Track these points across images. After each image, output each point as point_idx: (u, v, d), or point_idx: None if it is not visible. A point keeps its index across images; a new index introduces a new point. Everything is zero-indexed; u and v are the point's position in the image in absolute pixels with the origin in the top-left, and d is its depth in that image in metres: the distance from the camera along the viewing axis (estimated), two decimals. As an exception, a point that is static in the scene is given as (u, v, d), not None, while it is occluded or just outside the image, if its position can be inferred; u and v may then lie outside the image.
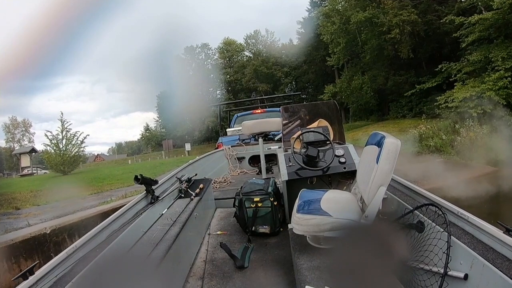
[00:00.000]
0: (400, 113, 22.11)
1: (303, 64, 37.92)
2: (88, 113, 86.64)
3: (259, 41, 43.37)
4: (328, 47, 26.84)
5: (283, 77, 40.16)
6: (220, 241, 2.51)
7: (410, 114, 21.00)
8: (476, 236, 1.35)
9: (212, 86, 43.15)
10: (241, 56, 43.81)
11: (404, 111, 21.83)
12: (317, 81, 37.48)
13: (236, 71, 41.79)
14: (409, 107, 21.45)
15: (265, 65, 39.46)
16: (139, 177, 2.35)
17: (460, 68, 15.38)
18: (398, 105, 22.54)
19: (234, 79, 41.56)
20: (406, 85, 20.89)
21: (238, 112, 7.27)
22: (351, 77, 25.50)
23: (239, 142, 5.16)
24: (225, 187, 3.94)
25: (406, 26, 19.16)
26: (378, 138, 1.65)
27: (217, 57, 44.48)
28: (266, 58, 40.42)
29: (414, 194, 1.86)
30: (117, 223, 1.92)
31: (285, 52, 40.28)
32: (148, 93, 42.48)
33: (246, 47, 43.87)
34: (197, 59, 44.09)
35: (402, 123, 19.19)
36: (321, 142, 2.58)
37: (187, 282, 2.06)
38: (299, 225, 1.72)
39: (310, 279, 1.49)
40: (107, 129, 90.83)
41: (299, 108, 3.14)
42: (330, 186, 2.62)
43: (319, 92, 36.02)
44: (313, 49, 33.65)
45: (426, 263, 1.47)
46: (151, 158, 36.23)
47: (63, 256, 1.45)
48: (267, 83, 39.35)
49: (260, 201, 2.57)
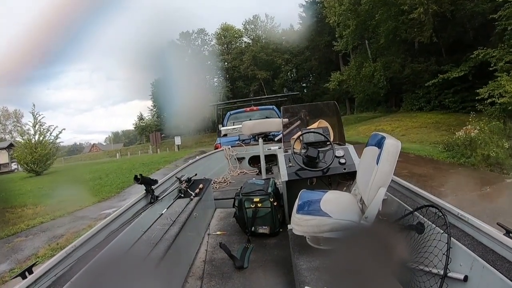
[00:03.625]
0: (416, 105, 19.38)
1: (305, 50, 36.10)
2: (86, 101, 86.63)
3: (258, 27, 41.62)
4: (333, 31, 24.41)
5: (284, 64, 38.58)
6: (219, 241, 2.51)
7: (427, 107, 18.40)
8: (476, 238, 1.35)
9: (209, 73, 41.33)
10: (239, 43, 41.97)
11: (420, 103, 19.08)
12: (320, 69, 35.78)
13: (234, 57, 40.16)
14: (426, 98, 18.64)
15: (265, 52, 37.99)
16: (138, 176, 2.35)
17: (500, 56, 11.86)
18: (413, 96, 19.71)
19: (232, 66, 40.10)
20: (426, 73, 17.91)
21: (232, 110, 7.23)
22: (361, 64, 22.68)
23: (239, 142, 5.16)
24: (224, 187, 3.94)
25: (431, 5, 15.88)
26: (378, 139, 1.65)
27: (214, 43, 42.54)
28: (266, 44, 38.84)
29: (414, 195, 1.86)
30: (116, 222, 1.92)
31: (285, 38, 38.49)
32: (146, 81, 40.54)
33: (244, 33, 42.06)
34: (193, 45, 42.14)
35: (420, 116, 17.09)
36: (321, 142, 2.58)
37: (186, 282, 2.05)
38: (298, 226, 1.72)
39: (310, 280, 1.49)
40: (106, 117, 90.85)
41: (299, 109, 3.14)
42: (330, 187, 2.62)
43: (322, 80, 34.08)
44: (317, 34, 32.02)
45: (426, 265, 1.47)
46: (142, 151, 34.58)
47: (62, 255, 1.45)
48: (266, 70, 38.01)
49: (260, 202, 2.56)
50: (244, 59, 38.68)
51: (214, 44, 42.57)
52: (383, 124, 17.71)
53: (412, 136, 13.55)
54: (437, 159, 8.88)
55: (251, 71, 38.22)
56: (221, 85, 40.38)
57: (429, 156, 9.33)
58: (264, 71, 37.96)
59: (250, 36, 41.59)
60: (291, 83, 40.43)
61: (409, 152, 9.82)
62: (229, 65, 40.32)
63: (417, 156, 9.48)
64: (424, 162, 8.66)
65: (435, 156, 9.24)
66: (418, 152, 9.86)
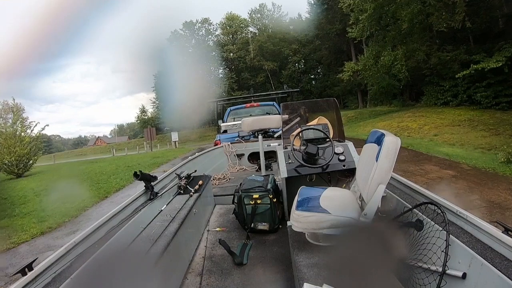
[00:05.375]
0: (441, 99, 17.10)
1: (314, 38, 34.52)
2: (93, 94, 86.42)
3: (264, 16, 40.46)
4: (345, 19, 22.09)
5: (291, 55, 37.38)
6: (219, 237, 2.52)
7: (454, 102, 16.14)
8: (475, 235, 1.35)
9: (214, 64, 39.99)
10: (245, 33, 40.81)
11: (446, 97, 16.78)
12: (329, 59, 34.26)
13: (239, 48, 39.02)
14: (453, 92, 16.37)
15: (271, 41, 36.85)
16: (138, 173, 2.35)
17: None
18: (437, 89, 17.43)
19: (237, 56, 38.98)
20: (455, 64, 15.57)
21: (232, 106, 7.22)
22: (378, 52, 20.16)
23: (238, 139, 5.16)
24: (224, 184, 3.95)
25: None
26: (377, 136, 1.65)
27: (219, 33, 41.31)
28: (273, 33, 37.67)
29: (413, 193, 1.86)
30: (116, 219, 1.92)
31: (293, 27, 37.37)
32: (151, 73, 39.22)
33: (250, 23, 40.88)
34: (196, 36, 40.85)
35: (446, 112, 14.95)
36: (321, 139, 2.57)
37: (185, 279, 2.06)
38: (298, 222, 1.72)
39: (309, 276, 1.50)
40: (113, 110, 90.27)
41: (299, 105, 3.13)
42: (330, 183, 2.63)
43: (332, 71, 32.90)
44: (327, 22, 30.45)
45: (425, 262, 1.48)
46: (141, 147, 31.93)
47: (62, 252, 1.45)
48: (273, 61, 36.89)
49: (259, 198, 2.57)
50: (250, 49, 37.54)
51: (219, 34, 41.37)
52: (406, 120, 15.83)
53: (447, 137, 11.52)
54: (504, 174, 6.59)
55: (257, 62, 37.08)
56: (226, 77, 38.98)
57: (490, 169, 7.00)
58: (270, 62, 36.78)
59: (256, 26, 40.42)
60: (299, 74, 39.07)
61: (459, 162, 7.89)
62: (234, 56, 39.12)
63: (473, 168, 7.32)
64: (489, 179, 6.40)
65: (498, 169, 6.90)
66: (471, 161, 7.79)
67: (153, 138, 26.37)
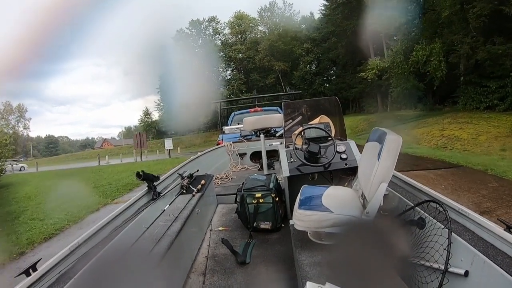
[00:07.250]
0: (484, 102, 14.24)
1: (329, 36, 32.20)
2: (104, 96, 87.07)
3: (275, 14, 38.60)
4: (363, 13, 19.83)
5: (304, 55, 35.33)
6: (221, 237, 2.53)
7: (502, 106, 13.47)
8: (477, 233, 1.35)
9: (221, 65, 38.45)
10: (254, 32, 39.14)
11: (492, 100, 13.95)
12: (346, 58, 31.84)
13: (248, 47, 37.30)
14: (500, 94, 13.65)
15: (282, 41, 34.76)
16: (140, 173, 2.36)
17: None
18: (480, 90, 14.50)
19: (246, 56, 37.27)
20: (507, 59, 12.85)
21: (236, 110, 7.27)
22: (409, 47, 17.40)
23: (240, 138, 5.17)
24: (226, 183, 3.95)
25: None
26: (379, 134, 1.65)
27: (227, 33, 39.63)
28: (284, 32, 35.48)
29: (415, 191, 1.86)
30: (119, 219, 1.93)
31: (305, 26, 35.56)
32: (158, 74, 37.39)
33: (260, 21, 39.15)
34: (203, 35, 39.29)
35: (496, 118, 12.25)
36: (323, 138, 2.57)
37: (188, 278, 2.07)
38: (300, 221, 1.73)
39: (312, 275, 1.50)
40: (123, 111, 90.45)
41: (301, 104, 3.13)
42: (332, 182, 2.63)
43: (347, 73, 30.79)
44: (344, 17, 27.95)
45: (427, 260, 1.48)
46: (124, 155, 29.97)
47: (66, 252, 1.46)
48: (284, 61, 35.01)
49: (262, 197, 2.57)
50: (260, 49, 35.84)
51: (227, 34, 39.86)
52: (449, 128, 13.14)
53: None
54: None
55: (267, 62, 35.39)
56: (234, 78, 37.68)
57: None
58: (281, 62, 35.08)
59: (266, 25, 38.75)
60: (311, 75, 36.83)
61: None
62: (243, 56, 37.55)
63: None
64: None
65: None
66: None
67: (143, 145, 22.18)
